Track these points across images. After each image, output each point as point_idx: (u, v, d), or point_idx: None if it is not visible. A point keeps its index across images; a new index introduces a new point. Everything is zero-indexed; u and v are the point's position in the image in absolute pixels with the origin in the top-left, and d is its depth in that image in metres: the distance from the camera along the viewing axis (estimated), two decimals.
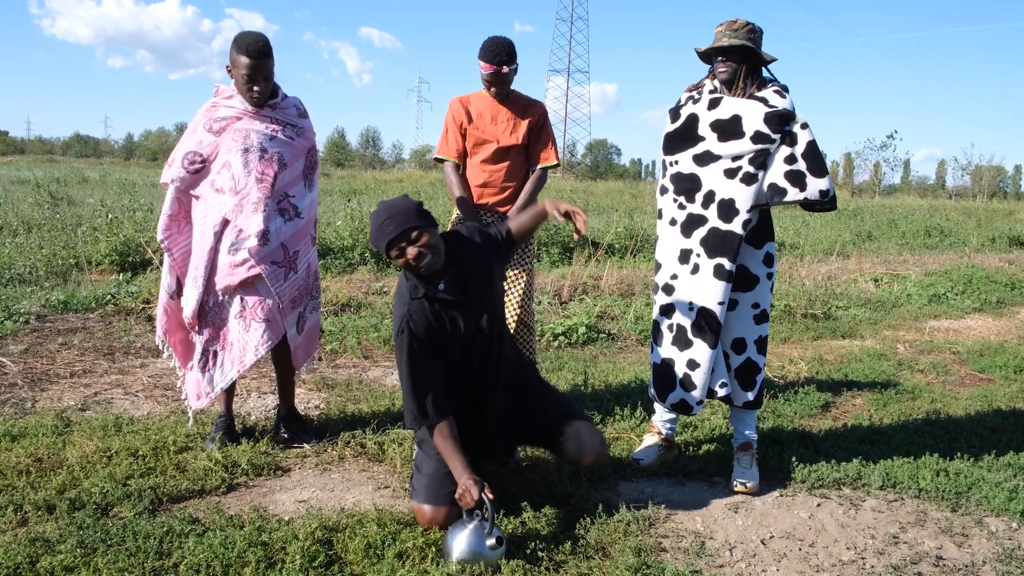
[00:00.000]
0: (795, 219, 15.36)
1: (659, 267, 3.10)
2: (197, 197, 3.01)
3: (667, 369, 3.04)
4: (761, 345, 3.01)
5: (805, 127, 2.87)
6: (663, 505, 2.81)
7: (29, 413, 3.55)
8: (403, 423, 2.62)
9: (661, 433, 3.21)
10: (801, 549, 2.58)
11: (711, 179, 2.93)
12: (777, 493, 2.98)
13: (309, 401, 3.92)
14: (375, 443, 3.22)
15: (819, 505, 2.90)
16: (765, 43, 2.97)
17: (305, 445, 3.24)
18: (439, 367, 2.48)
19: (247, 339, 3.01)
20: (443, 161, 3.53)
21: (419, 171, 48.80)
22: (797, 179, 2.83)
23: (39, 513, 2.50)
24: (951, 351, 5.64)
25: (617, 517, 2.64)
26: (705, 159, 2.94)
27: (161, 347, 3.16)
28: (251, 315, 3.01)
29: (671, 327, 3.02)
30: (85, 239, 7.77)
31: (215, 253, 2.97)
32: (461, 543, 2.28)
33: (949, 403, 4.26)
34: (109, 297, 5.72)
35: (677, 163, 3.03)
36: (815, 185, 2.82)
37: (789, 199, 2.84)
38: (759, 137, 2.85)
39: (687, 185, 2.98)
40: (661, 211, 3.11)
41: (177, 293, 3.10)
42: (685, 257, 2.98)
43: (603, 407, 3.80)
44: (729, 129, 2.89)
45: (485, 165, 3.46)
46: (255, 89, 2.95)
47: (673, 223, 3.03)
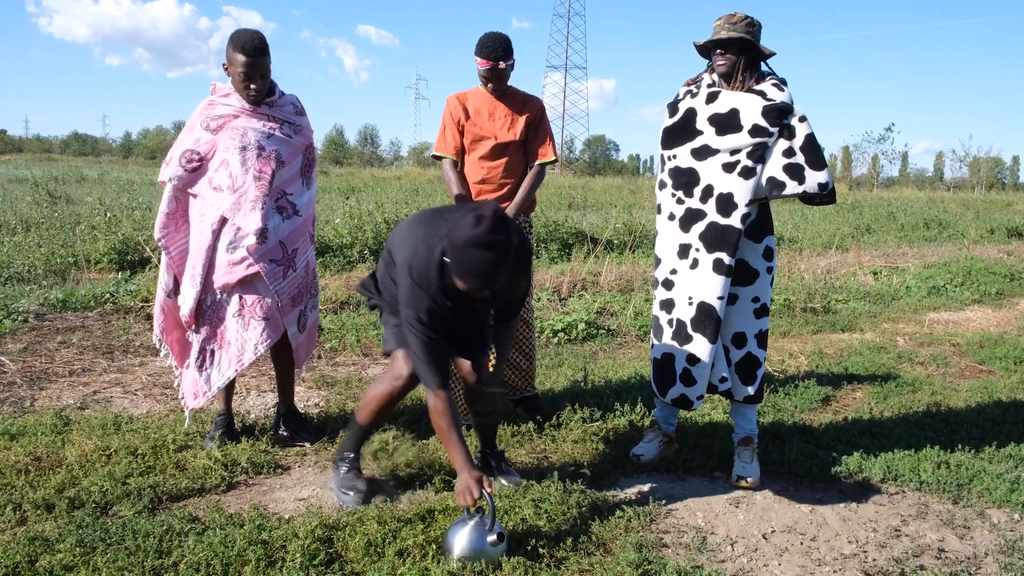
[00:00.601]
0: (794, 213, 15.36)
1: (658, 262, 3.09)
2: (195, 195, 3.00)
3: (667, 364, 3.03)
4: (761, 339, 3.01)
5: (803, 120, 2.86)
6: (664, 500, 2.81)
7: (28, 412, 3.54)
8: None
9: (661, 428, 3.21)
10: (803, 543, 2.58)
11: (710, 173, 2.92)
12: (778, 487, 2.98)
13: (309, 399, 3.91)
14: (374, 441, 3.21)
15: (820, 499, 2.89)
16: (763, 38, 2.96)
17: (305, 443, 3.24)
18: (444, 340, 2.47)
19: (246, 338, 3.00)
20: (441, 158, 3.52)
21: (417, 168, 48.73)
22: (796, 172, 2.82)
23: (38, 512, 2.50)
24: (951, 343, 5.64)
25: (618, 513, 2.64)
26: (703, 153, 2.93)
27: (158, 346, 3.16)
28: (250, 313, 3.00)
29: (671, 322, 3.02)
30: (83, 238, 7.76)
31: (213, 251, 2.96)
32: (462, 540, 2.27)
33: (949, 395, 4.26)
34: (108, 295, 5.71)
35: (675, 157, 3.02)
36: (814, 178, 2.81)
37: (788, 192, 2.83)
38: (757, 131, 2.84)
39: (685, 179, 2.97)
40: (660, 206, 3.10)
41: (174, 292, 3.09)
42: (684, 252, 2.97)
43: (603, 403, 3.79)
44: (727, 123, 2.88)
45: (483, 162, 3.45)
46: (252, 87, 2.94)
47: (672, 218, 3.02)
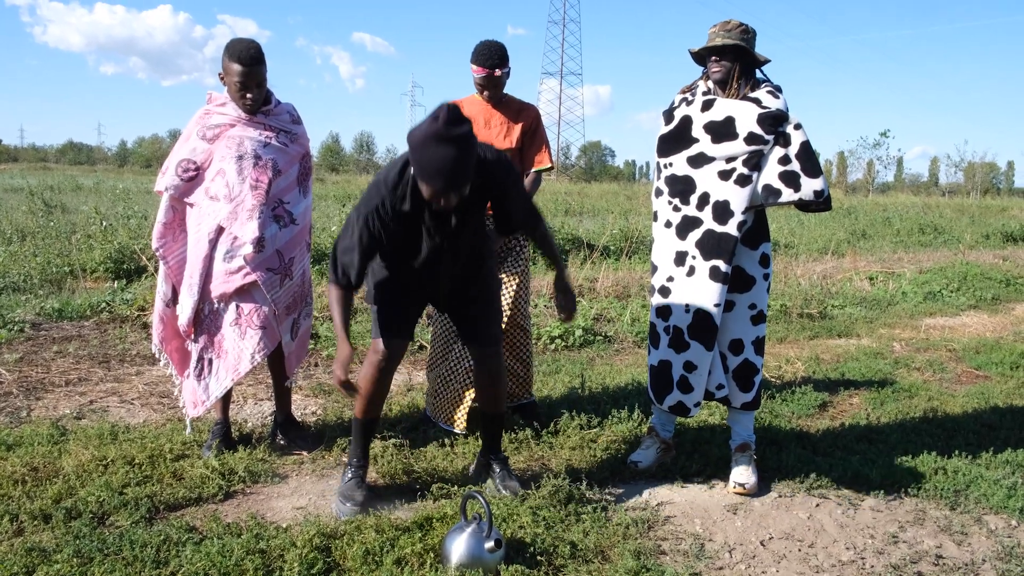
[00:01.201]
0: (790, 218, 15.39)
1: (655, 269, 3.10)
2: (192, 205, 3.01)
3: (664, 371, 3.03)
4: (759, 346, 3.01)
5: (798, 128, 2.88)
6: (662, 507, 2.81)
7: (24, 422, 3.53)
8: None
9: (659, 435, 3.21)
10: (800, 550, 2.58)
11: (705, 181, 2.93)
12: (776, 494, 2.98)
13: (306, 407, 3.91)
14: (373, 449, 3.21)
15: (818, 505, 2.90)
16: (758, 44, 2.98)
17: (302, 451, 3.23)
18: (375, 250, 2.54)
19: (243, 347, 3.00)
20: None
21: None
22: (791, 180, 2.83)
23: (35, 523, 2.49)
24: (947, 348, 5.65)
25: (616, 520, 2.64)
26: (699, 161, 2.95)
27: (158, 355, 3.16)
28: (247, 322, 3.00)
29: (667, 329, 3.02)
30: (79, 247, 7.74)
31: (210, 260, 2.96)
32: (460, 547, 2.27)
33: (946, 401, 4.26)
34: (104, 305, 5.70)
35: (671, 165, 3.03)
36: (809, 186, 2.82)
37: (784, 200, 2.85)
38: (752, 138, 2.85)
39: (681, 187, 2.99)
40: (656, 213, 3.11)
41: (173, 301, 3.09)
42: (681, 259, 2.98)
43: (600, 410, 3.79)
44: (723, 131, 2.90)
45: None
46: (248, 96, 2.94)
47: (668, 225, 3.03)
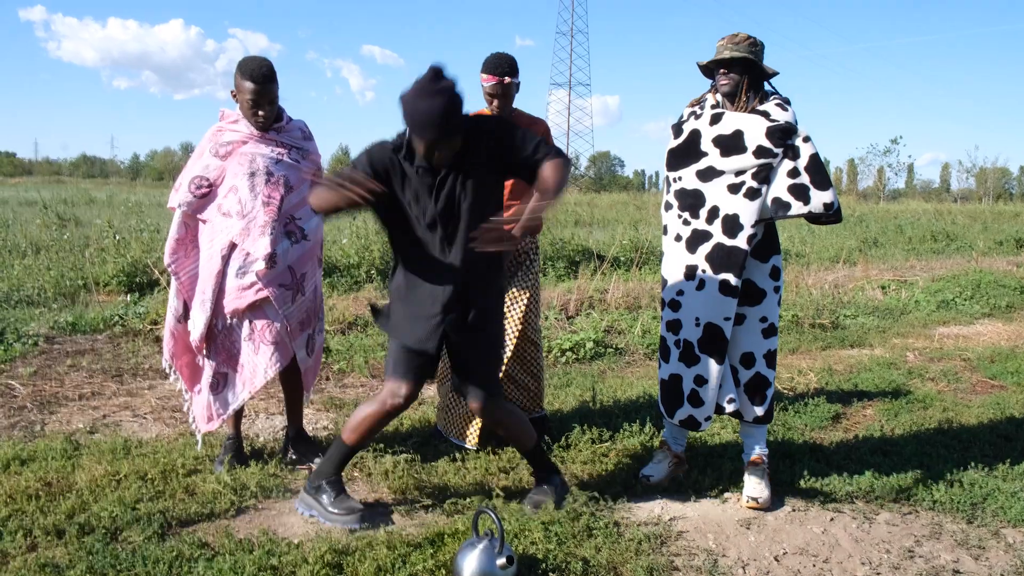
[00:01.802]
0: (800, 228, 15.31)
1: (665, 283, 3.10)
2: (204, 221, 3.04)
3: (675, 385, 3.02)
4: (770, 359, 3.00)
5: (807, 140, 2.87)
6: (674, 522, 2.80)
7: (38, 436, 3.56)
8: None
9: (671, 449, 3.20)
10: (815, 565, 2.55)
11: (715, 194, 2.93)
12: (789, 508, 2.96)
13: (317, 421, 3.91)
14: (384, 464, 3.21)
15: (832, 519, 2.87)
16: (767, 55, 2.98)
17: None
18: (374, 170, 2.56)
19: (256, 362, 3.02)
20: None
21: None
22: (801, 193, 2.82)
23: (48, 538, 2.50)
24: (961, 358, 5.60)
25: (628, 536, 2.62)
26: (708, 175, 2.95)
27: (168, 370, 3.17)
28: (259, 338, 3.02)
29: (678, 343, 3.01)
30: (92, 260, 7.81)
31: (223, 276, 2.98)
32: (472, 564, 2.27)
33: (961, 411, 4.22)
34: (117, 318, 5.74)
35: (681, 179, 3.03)
36: (819, 198, 2.82)
37: (793, 213, 2.84)
38: (761, 152, 2.85)
39: (691, 201, 2.99)
40: (666, 227, 3.11)
41: (184, 316, 3.11)
42: (691, 273, 2.97)
43: (612, 423, 3.78)
44: (731, 144, 2.90)
45: None
46: (260, 113, 2.97)
47: (678, 239, 3.03)
